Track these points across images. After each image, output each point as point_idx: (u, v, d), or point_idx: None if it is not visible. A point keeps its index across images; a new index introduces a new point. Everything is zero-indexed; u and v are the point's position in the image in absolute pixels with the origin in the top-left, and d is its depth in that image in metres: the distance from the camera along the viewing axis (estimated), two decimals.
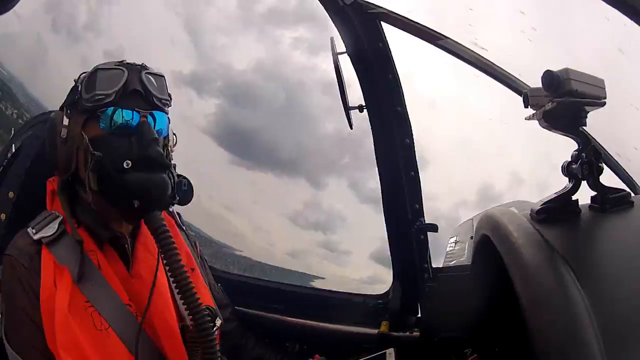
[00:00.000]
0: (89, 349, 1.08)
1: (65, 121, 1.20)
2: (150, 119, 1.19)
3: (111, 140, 1.14)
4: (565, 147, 1.00)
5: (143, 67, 1.22)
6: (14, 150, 1.55)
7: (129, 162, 1.11)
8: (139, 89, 1.18)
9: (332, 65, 1.74)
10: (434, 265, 2.02)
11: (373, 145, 1.98)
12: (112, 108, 1.15)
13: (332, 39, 1.79)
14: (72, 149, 1.18)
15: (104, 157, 1.12)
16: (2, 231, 1.38)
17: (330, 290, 2.26)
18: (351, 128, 1.94)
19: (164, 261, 1.14)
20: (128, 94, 1.17)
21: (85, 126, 1.18)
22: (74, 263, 1.14)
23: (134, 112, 1.17)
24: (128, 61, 1.21)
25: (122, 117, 1.16)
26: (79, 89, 1.20)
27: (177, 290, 1.14)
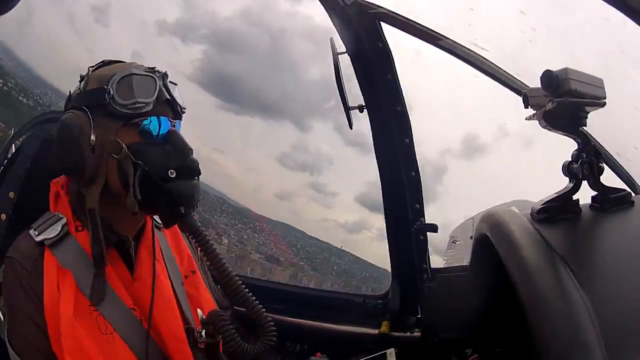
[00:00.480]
0: (96, 354, 1.08)
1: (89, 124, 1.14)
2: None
3: (150, 150, 1.14)
4: None
5: (165, 74, 1.21)
6: (13, 150, 1.55)
7: (173, 171, 1.13)
8: (169, 98, 1.19)
9: (315, 10, 1.75)
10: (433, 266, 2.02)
11: (373, 145, 1.98)
12: (154, 117, 1.16)
13: (331, 39, 1.79)
14: (102, 156, 1.15)
15: (146, 166, 1.12)
16: (2, 232, 1.38)
17: (330, 291, 2.27)
18: (351, 128, 1.94)
19: (205, 258, 1.20)
20: (160, 103, 1.18)
21: (118, 133, 1.15)
22: (77, 267, 1.13)
23: (168, 121, 1.18)
24: (152, 67, 1.20)
25: (162, 126, 1.16)
26: (111, 93, 1.13)
27: (227, 288, 1.21)
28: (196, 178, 1.19)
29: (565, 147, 1.01)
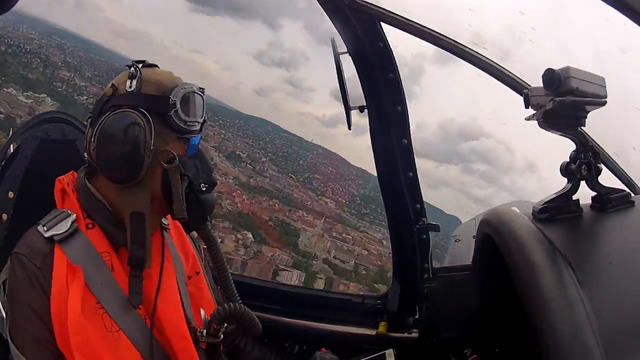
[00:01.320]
0: (103, 351, 1.08)
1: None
2: None
3: (191, 164, 1.24)
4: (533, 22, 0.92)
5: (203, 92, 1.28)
6: (12, 150, 1.55)
7: (205, 185, 1.25)
8: (206, 119, 1.28)
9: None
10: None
11: (371, 146, 1.97)
12: (199, 135, 1.27)
13: (332, 40, 1.79)
14: (153, 162, 1.19)
15: (193, 179, 1.23)
16: (4, 232, 1.37)
17: (328, 291, 2.26)
18: (350, 129, 1.94)
19: (210, 261, 1.36)
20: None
21: (168, 143, 1.21)
22: (87, 265, 1.13)
23: (199, 138, 1.29)
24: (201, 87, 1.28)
25: (197, 143, 1.27)
26: (176, 106, 1.19)
27: (223, 290, 1.41)
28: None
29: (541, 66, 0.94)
